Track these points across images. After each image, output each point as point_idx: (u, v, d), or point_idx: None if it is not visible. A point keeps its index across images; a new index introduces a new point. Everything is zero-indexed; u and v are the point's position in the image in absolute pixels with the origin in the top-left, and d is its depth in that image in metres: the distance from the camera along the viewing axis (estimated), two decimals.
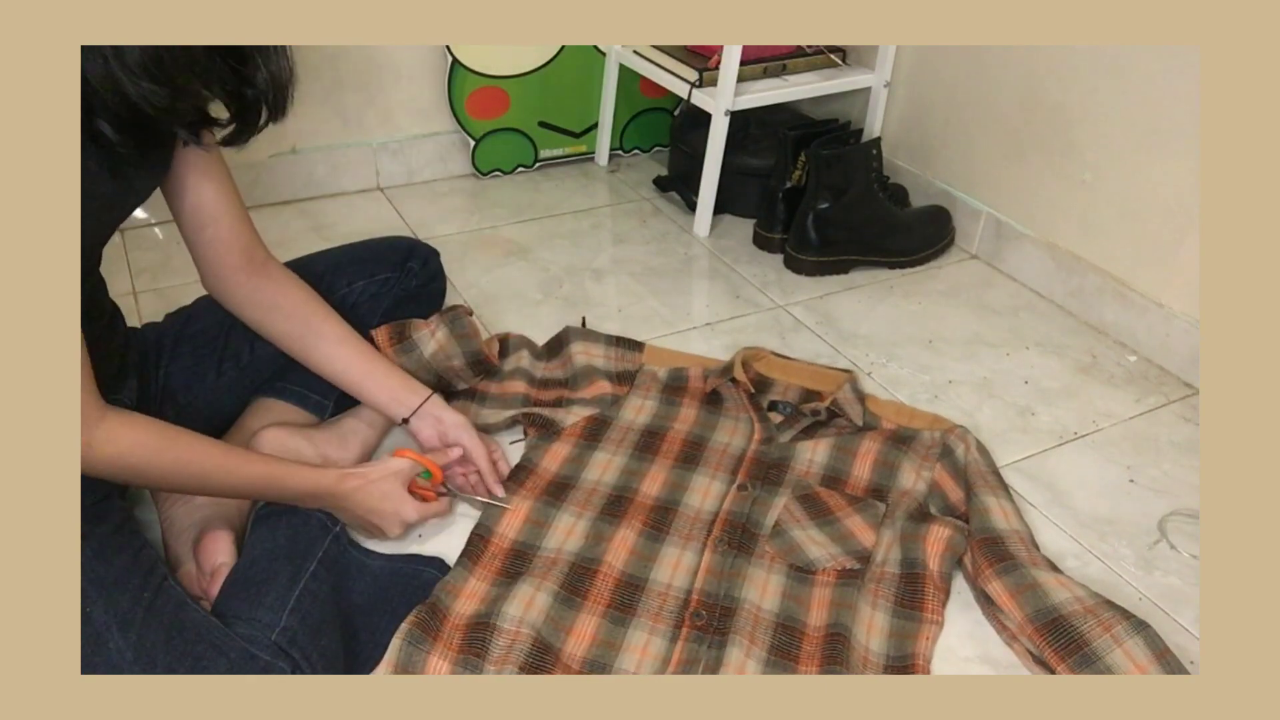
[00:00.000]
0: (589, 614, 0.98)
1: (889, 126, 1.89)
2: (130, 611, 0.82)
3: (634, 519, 1.10)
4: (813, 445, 1.22)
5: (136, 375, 1.05)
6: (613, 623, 0.98)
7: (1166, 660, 0.92)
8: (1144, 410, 1.39)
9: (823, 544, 1.08)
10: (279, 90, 0.85)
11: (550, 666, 0.92)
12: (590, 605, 0.99)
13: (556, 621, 0.96)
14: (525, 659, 0.92)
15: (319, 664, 0.86)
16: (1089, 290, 1.58)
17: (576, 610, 0.99)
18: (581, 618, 0.98)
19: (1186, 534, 1.17)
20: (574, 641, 0.96)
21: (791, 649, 0.96)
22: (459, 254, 1.68)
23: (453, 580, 1.01)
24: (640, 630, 0.97)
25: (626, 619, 0.98)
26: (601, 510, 1.11)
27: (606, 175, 2.04)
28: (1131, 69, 1.45)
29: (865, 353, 1.48)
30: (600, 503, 1.13)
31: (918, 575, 1.05)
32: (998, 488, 1.14)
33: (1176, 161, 1.42)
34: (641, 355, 1.37)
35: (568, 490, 1.14)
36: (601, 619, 0.98)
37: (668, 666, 0.94)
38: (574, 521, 1.10)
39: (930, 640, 0.99)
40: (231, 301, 1.05)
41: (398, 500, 1.01)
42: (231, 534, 0.99)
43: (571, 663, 0.93)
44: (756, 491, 1.15)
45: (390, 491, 1.01)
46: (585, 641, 0.96)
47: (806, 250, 1.67)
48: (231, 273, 1.02)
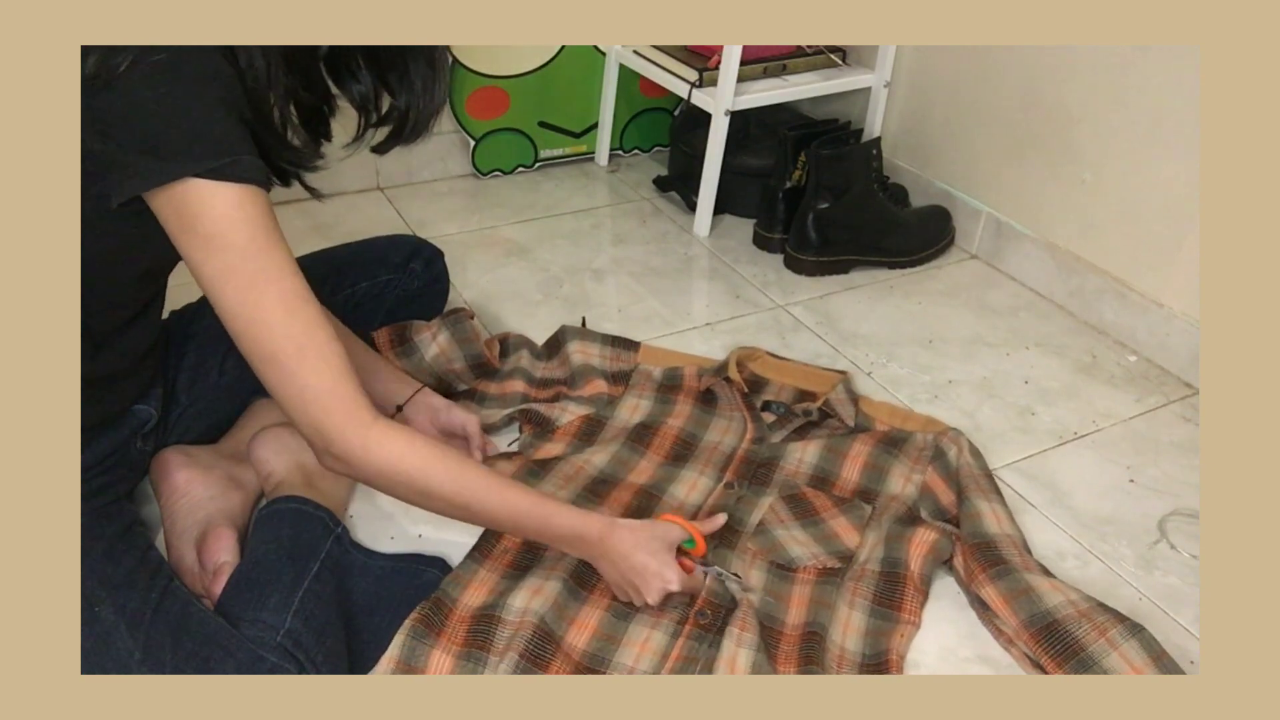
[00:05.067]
0: (593, 606, 0.98)
1: (889, 126, 1.89)
2: (138, 612, 0.82)
3: (615, 503, 1.10)
4: (803, 446, 1.22)
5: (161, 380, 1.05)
6: (615, 616, 0.98)
7: (1163, 663, 0.92)
8: (1144, 410, 1.39)
9: (805, 544, 1.08)
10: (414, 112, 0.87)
11: (550, 656, 0.92)
12: (595, 598, 0.99)
13: (561, 610, 0.96)
14: (527, 646, 0.92)
15: (324, 665, 0.86)
16: (1089, 290, 1.58)
17: (581, 602, 0.98)
18: (585, 610, 0.98)
19: (1186, 534, 1.17)
20: (575, 632, 0.95)
21: (770, 648, 0.96)
22: (459, 254, 1.68)
23: (461, 572, 1.01)
24: (642, 625, 0.97)
25: (629, 613, 0.98)
26: (584, 488, 1.12)
27: (606, 175, 2.04)
28: (1131, 69, 1.45)
29: (865, 353, 1.48)
30: (585, 480, 1.13)
31: (898, 575, 1.04)
32: (990, 491, 1.13)
33: (1176, 161, 1.42)
34: (637, 355, 1.37)
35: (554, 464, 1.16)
36: (605, 612, 0.98)
37: (665, 662, 0.94)
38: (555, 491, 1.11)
39: (905, 639, 0.98)
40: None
41: (663, 563, 0.94)
42: (235, 532, 0.99)
43: (572, 653, 0.93)
44: (743, 490, 1.15)
45: (657, 551, 0.95)
46: (586, 633, 0.96)
47: (806, 250, 1.67)
48: None
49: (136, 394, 1.00)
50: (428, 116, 0.87)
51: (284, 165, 0.83)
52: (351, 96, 0.85)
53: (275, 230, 0.77)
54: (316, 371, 0.78)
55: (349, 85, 0.85)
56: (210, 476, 1.05)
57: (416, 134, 0.88)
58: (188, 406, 1.08)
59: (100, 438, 0.95)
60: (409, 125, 0.87)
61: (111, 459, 0.97)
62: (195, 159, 0.71)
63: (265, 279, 0.76)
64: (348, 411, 0.79)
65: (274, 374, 0.78)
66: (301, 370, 0.77)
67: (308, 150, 0.85)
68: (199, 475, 1.04)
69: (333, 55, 0.82)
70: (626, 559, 0.94)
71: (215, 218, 0.73)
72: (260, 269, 0.75)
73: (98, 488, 0.94)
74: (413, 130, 0.87)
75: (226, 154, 0.72)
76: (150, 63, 0.69)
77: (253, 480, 1.09)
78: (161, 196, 0.73)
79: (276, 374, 0.78)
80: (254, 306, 0.76)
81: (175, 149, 0.71)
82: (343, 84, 0.85)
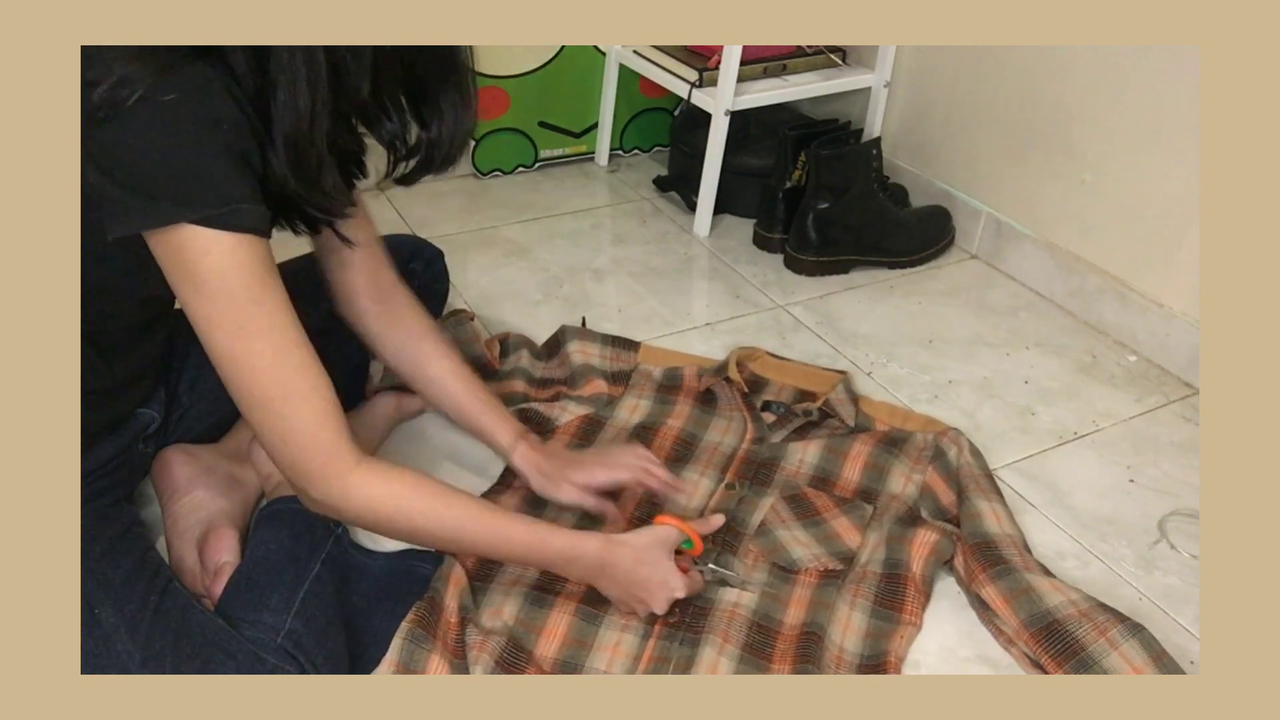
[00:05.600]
0: (561, 611, 0.98)
1: (889, 126, 1.89)
2: (138, 614, 0.83)
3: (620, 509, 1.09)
4: (803, 446, 1.22)
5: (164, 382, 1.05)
6: (584, 620, 0.98)
7: (1163, 663, 0.92)
8: (1144, 410, 1.39)
9: (807, 544, 1.08)
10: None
11: (524, 665, 0.92)
12: (562, 603, 0.99)
13: (528, 624, 0.96)
14: (501, 654, 0.92)
15: (324, 666, 0.86)
16: (1089, 290, 1.58)
17: (548, 609, 0.98)
18: (553, 615, 0.98)
19: (1186, 534, 1.17)
20: (545, 642, 0.95)
21: (765, 647, 0.96)
22: (459, 254, 1.68)
23: (446, 567, 1.00)
24: (612, 629, 0.97)
25: (598, 616, 0.98)
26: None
27: (606, 175, 2.04)
28: (1131, 69, 1.45)
29: (865, 353, 1.48)
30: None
31: (899, 576, 1.04)
32: (990, 491, 1.13)
33: (1176, 161, 1.42)
34: (637, 355, 1.37)
35: None
36: (573, 617, 0.98)
37: (639, 664, 0.94)
38: (555, 515, 1.09)
39: (905, 641, 0.98)
40: (354, 324, 1.05)
41: (665, 571, 0.94)
42: (236, 533, 1.00)
43: (544, 663, 0.93)
44: (744, 491, 1.15)
45: (658, 561, 0.94)
46: (556, 641, 0.96)
47: (806, 250, 1.67)
48: (355, 297, 1.03)
49: (141, 398, 1.00)
50: (460, 146, 0.86)
51: (315, 214, 0.83)
52: (380, 135, 0.84)
53: (270, 277, 0.76)
54: (300, 416, 0.78)
55: (379, 125, 0.83)
56: (212, 476, 1.05)
57: (447, 164, 0.87)
58: (189, 407, 1.08)
59: (104, 442, 0.95)
60: (440, 156, 0.86)
61: (114, 462, 0.97)
62: (192, 206, 0.70)
63: (255, 327, 0.75)
64: (328, 456, 0.79)
65: (259, 417, 0.78)
66: (285, 414, 0.78)
67: (340, 196, 0.84)
68: (201, 475, 1.04)
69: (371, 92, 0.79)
70: (629, 575, 0.93)
71: (209, 265, 0.72)
72: (250, 316, 0.75)
73: (98, 490, 0.94)
74: (444, 161, 0.86)
75: (224, 202, 0.71)
76: (159, 101, 0.68)
77: (253, 480, 1.09)
78: (157, 237, 0.73)
79: (261, 417, 0.78)
80: (243, 352, 0.76)
81: (173, 194, 0.70)
82: (372, 124, 0.84)
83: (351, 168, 0.89)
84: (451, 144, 0.85)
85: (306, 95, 0.72)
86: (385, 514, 0.83)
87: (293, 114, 0.73)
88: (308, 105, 0.73)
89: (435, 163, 0.86)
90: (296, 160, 0.75)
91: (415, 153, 0.86)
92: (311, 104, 0.73)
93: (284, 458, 0.80)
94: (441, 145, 0.85)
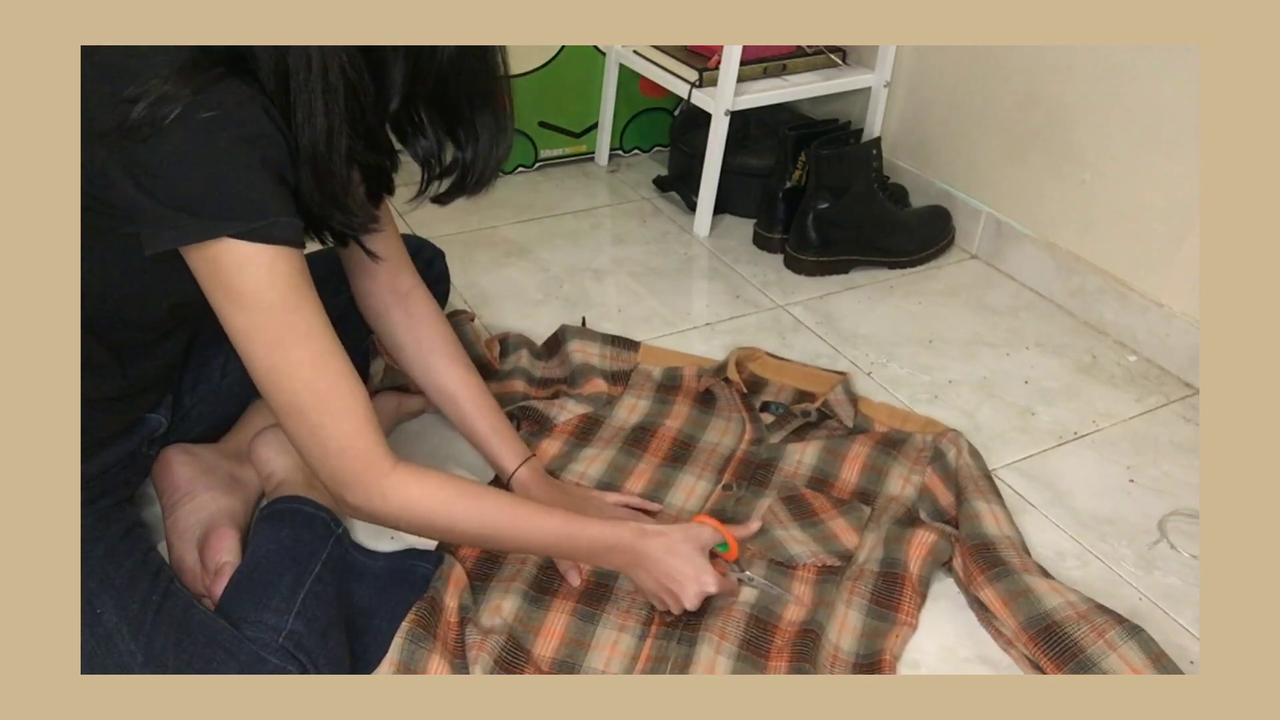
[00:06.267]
0: (558, 611, 0.98)
1: (889, 126, 1.89)
2: (140, 614, 0.83)
3: None
4: (802, 447, 1.22)
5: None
6: (581, 620, 0.98)
7: (1162, 664, 0.92)
8: (1144, 410, 1.39)
9: (804, 543, 1.08)
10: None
11: (523, 665, 0.92)
12: (559, 603, 0.99)
13: (526, 623, 0.97)
14: (500, 654, 0.92)
15: (325, 666, 0.86)
16: (1089, 290, 1.58)
17: (545, 609, 0.98)
18: (551, 616, 0.98)
19: (1186, 534, 1.17)
20: (543, 641, 0.95)
21: (762, 644, 0.96)
22: (459, 254, 1.68)
23: (446, 567, 1.00)
24: (609, 628, 0.97)
25: (595, 615, 0.98)
26: None
27: (606, 175, 2.04)
28: (1131, 69, 1.45)
29: (865, 353, 1.48)
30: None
31: (896, 576, 1.04)
32: (989, 493, 1.13)
33: (1176, 161, 1.42)
34: (636, 355, 1.37)
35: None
36: (570, 616, 0.98)
37: (636, 664, 0.94)
38: None
39: (901, 641, 0.98)
40: (372, 323, 1.07)
41: (699, 566, 0.94)
42: (237, 532, 1.00)
43: (541, 663, 0.93)
44: (741, 491, 1.15)
45: (691, 555, 0.94)
46: (554, 641, 0.96)
47: (806, 250, 1.67)
48: (374, 298, 1.05)
49: (152, 403, 1.01)
50: (495, 167, 0.87)
51: (339, 229, 0.84)
52: (415, 152, 0.84)
53: (306, 288, 0.77)
54: (339, 424, 0.79)
55: (414, 141, 0.84)
56: (212, 476, 1.05)
57: (481, 185, 0.87)
58: (190, 408, 1.08)
59: (113, 446, 0.96)
60: (474, 177, 0.86)
61: (120, 465, 0.97)
62: (231, 220, 0.71)
63: (293, 336, 0.77)
64: (366, 463, 0.81)
65: (296, 425, 0.79)
66: (324, 424, 0.79)
67: (364, 215, 0.84)
68: (202, 475, 1.05)
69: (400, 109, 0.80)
70: (660, 564, 0.93)
71: (247, 277, 0.74)
72: (289, 325, 0.76)
73: (101, 491, 0.94)
74: (478, 182, 0.87)
75: (262, 215, 0.72)
76: (199, 119, 0.68)
77: (254, 480, 1.09)
78: (195, 251, 0.73)
79: (298, 425, 0.79)
80: (280, 361, 0.77)
81: (212, 209, 0.71)
82: (407, 140, 0.84)
83: (379, 185, 0.89)
84: (486, 167, 0.86)
85: (323, 116, 0.73)
86: (422, 514, 0.84)
87: (310, 134, 0.73)
88: (324, 126, 0.73)
89: (469, 184, 0.87)
90: (318, 177, 0.76)
91: (450, 172, 0.86)
92: (329, 124, 0.74)
93: (324, 466, 0.81)
94: (475, 167, 0.86)
